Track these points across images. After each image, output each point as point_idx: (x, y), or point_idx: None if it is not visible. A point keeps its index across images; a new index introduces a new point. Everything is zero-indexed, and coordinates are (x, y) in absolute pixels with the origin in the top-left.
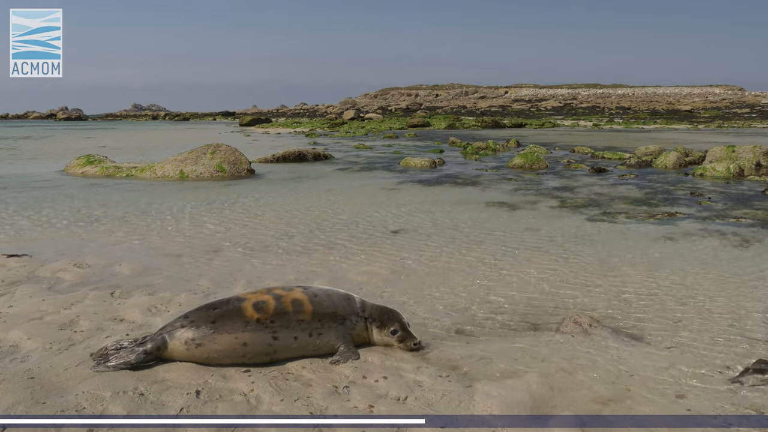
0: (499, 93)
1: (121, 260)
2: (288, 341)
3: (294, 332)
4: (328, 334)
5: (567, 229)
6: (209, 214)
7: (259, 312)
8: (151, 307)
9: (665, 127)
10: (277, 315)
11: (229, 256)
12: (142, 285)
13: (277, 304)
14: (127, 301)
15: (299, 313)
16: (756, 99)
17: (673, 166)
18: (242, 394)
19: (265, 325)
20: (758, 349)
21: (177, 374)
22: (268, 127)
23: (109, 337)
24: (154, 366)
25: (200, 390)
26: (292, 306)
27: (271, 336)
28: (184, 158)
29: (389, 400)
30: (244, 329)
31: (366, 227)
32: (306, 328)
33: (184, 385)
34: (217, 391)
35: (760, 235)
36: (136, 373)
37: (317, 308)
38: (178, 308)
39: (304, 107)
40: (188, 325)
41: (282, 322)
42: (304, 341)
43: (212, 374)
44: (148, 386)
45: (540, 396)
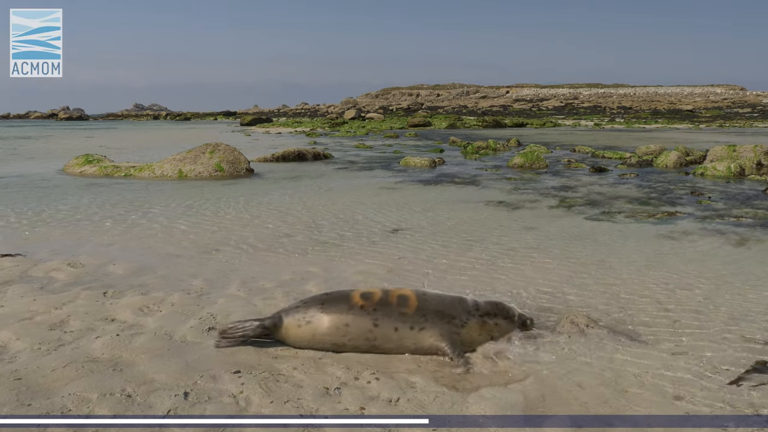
0: (501, 93)
1: (115, 260)
2: (388, 330)
3: (395, 323)
4: (431, 329)
5: (566, 229)
6: (206, 213)
7: (364, 300)
8: (143, 307)
9: (666, 126)
10: (380, 305)
11: (225, 256)
12: (135, 285)
13: (383, 295)
14: (119, 301)
15: (403, 306)
16: (757, 98)
17: (674, 166)
18: (231, 396)
19: (368, 311)
20: (757, 350)
21: (166, 375)
22: (268, 127)
23: (99, 338)
24: (144, 369)
25: (189, 391)
26: (397, 299)
27: (372, 322)
28: (183, 157)
29: (381, 402)
30: (347, 312)
31: (364, 226)
32: (407, 321)
33: (172, 386)
34: (206, 392)
35: (760, 234)
36: (123, 375)
37: (422, 304)
38: (170, 308)
39: (305, 107)
40: (302, 306)
41: (384, 312)
42: (404, 333)
43: (201, 375)
44: (135, 387)
45: (535, 397)
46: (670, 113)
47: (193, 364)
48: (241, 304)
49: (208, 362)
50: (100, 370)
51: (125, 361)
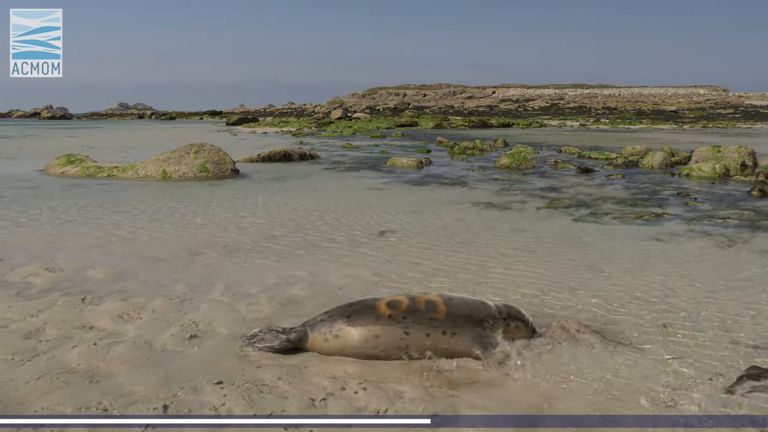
0: (487, 93)
1: (95, 264)
2: (420, 337)
3: (426, 329)
4: (463, 335)
5: (554, 231)
6: (190, 215)
7: (392, 309)
8: (122, 313)
9: (651, 127)
10: (409, 312)
11: (209, 259)
12: (115, 290)
13: (411, 302)
14: (98, 308)
15: (432, 312)
16: (740, 99)
17: (660, 166)
18: (213, 408)
19: (397, 320)
20: (748, 354)
21: (145, 387)
22: (254, 127)
23: (75, 347)
24: (122, 381)
25: (168, 404)
26: (425, 305)
27: (402, 331)
28: (167, 158)
29: (368, 414)
30: (376, 323)
31: (351, 228)
32: (439, 326)
33: (151, 399)
34: (186, 404)
35: (746, 236)
36: (100, 387)
37: (451, 309)
38: (151, 315)
39: (292, 106)
40: (327, 319)
41: (414, 319)
42: (437, 338)
43: (182, 387)
44: (112, 400)
45: (526, 406)
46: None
47: (173, 374)
48: (225, 310)
49: (189, 372)
50: (75, 382)
51: (102, 372)
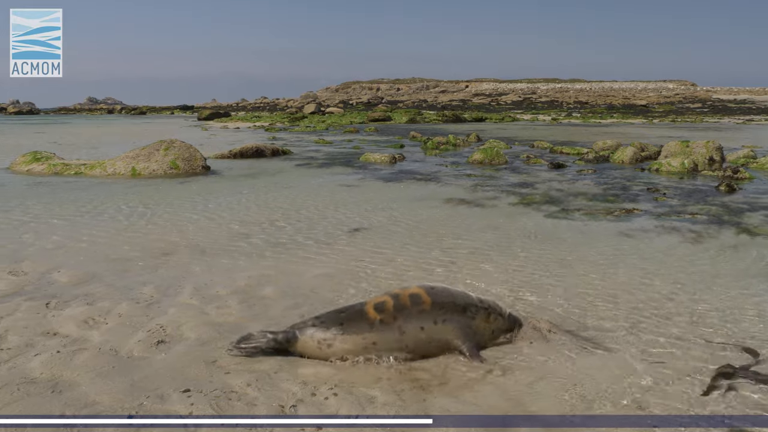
0: (460, 87)
1: (61, 266)
2: (415, 332)
3: (419, 323)
4: (451, 321)
5: (527, 227)
6: (160, 214)
7: (380, 312)
8: (88, 319)
9: (621, 121)
10: (397, 311)
11: (178, 260)
12: (80, 294)
13: (395, 301)
14: (62, 313)
15: (419, 304)
16: (707, 94)
17: (630, 161)
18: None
19: (388, 323)
20: (719, 354)
21: (109, 397)
22: (227, 122)
23: (38, 355)
24: (86, 390)
25: (133, 414)
26: (410, 299)
27: (398, 332)
28: (137, 155)
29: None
30: (370, 330)
31: (324, 226)
32: (428, 317)
33: (116, 409)
34: (152, 414)
35: (714, 232)
36: (63, 397)
37: (435, 298)
38: (117, 320)
39: (265, 101)
40: (319, 325)
41: (404, 316)
42: (430, 329)
43: (148, 396)
44: (75, 411)
45: (498, 410)
46: (624, 108)
47: (139, 383)
48: (194, 314)
49: (156, 380)
50: (37, 393)
51: (66, 381)
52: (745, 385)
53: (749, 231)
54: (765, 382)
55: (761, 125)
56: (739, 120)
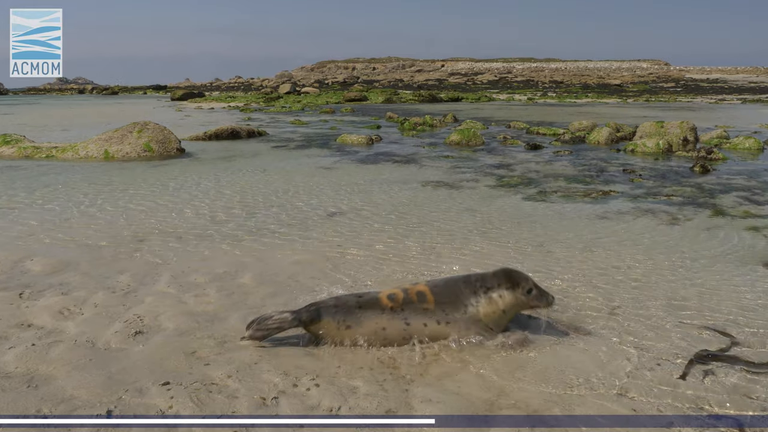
0: (436, 66)
1: (33, 255)
2: (419, 327)
3: (422, 319)
4: (455, 323)
5: (504, 210)
6: (134, 199)
7: (392, 301)
8: (63, 309)
9: (596, 101)
10: (405, 303)
11: (154, 246)
12: (55, 284)
13: (405, 294)
14: (37, 303)
15: (423, 302)
16: (680, 73)
17: (606, 142)
18: (159, 411)
19: (397, 312)
20: (695, 337)
21: (87, 391)
22: (201, 102)
23: (12, 348)
24: (62, 384)
25: (112, 409)
26: (417, 296)
27: (404, 322)
28: (109, 137)
29: (321, 412)
30: (381, 315)
31: (301, 210)
32: (432, 316)
33: (94, 404)
34: (131, 408)
35: (690, 213)
36: (39, 392)
37: (438, 297)
38: (93, 310)
39: (239, 81)
40: (342, 307)
41: (410, 310)
42: (434, 328)
43: (127, 389)
44: (52, 407)
45: (480, 398)
46: (599, 87)
47: (117, 375)
48: (171, 303)
49: (135, 372)
50: (12, 388)
51: (42, 375)
52: (722, 369)
53: (723, 213)
54: (741, 365)
55: (733, 105)
56: (712, 99)
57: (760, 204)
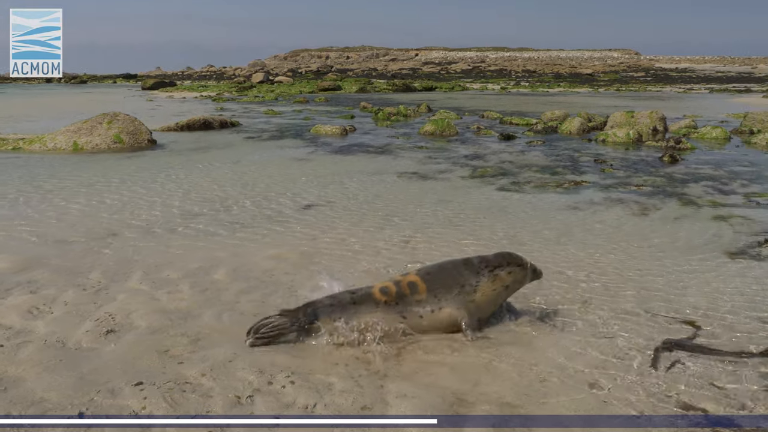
0: (410, 55)
1: (0, 251)
2: (415, 319)
3: (417, 311)
4: (448, 305)
5: (477, 201)
6: (104, 191)
7: (385, 295)
8: (32, 308)
9: (568, 90)
10: (398, 297)
11: (126, 241)
12: (23, 281)
13: (397, 288)
14: (4, 302)
15: (415, 293)
16: (650, 63)
17: (578, 132)
18: (132, 413)
19: (392, 306)
20: (664, 327)
21: (58, 393)
22: (172, 91)
23: None
24: (32, 386)
25: (84, 411)
26: (409, 288)
27: (400, 315)
28: (78, 128)
29: (297, 409)
30: (376, 310)
31: (275, 203)
32: (426, 305)
33: (65, 406)
34: (103, 410)
35: (659, 203)
36: (8, 395)
37: (430, 285)
38: (63, 309)
39: (212, 69)
40: (337, 305)
41: (405, 303)
42: (428, 318)
43: (98, 390)
44: (22, 410)
45: (455, 392)
46: (571, 77)
47: (89, 376)
48: (144, 300)
49: (107, 373)
50: None
51: (11, 376)
52: (688, 358)
53: (692, 202)
54: (706, 354)
55: (701, 94)
56: (681, 89)
57: (726, 194)
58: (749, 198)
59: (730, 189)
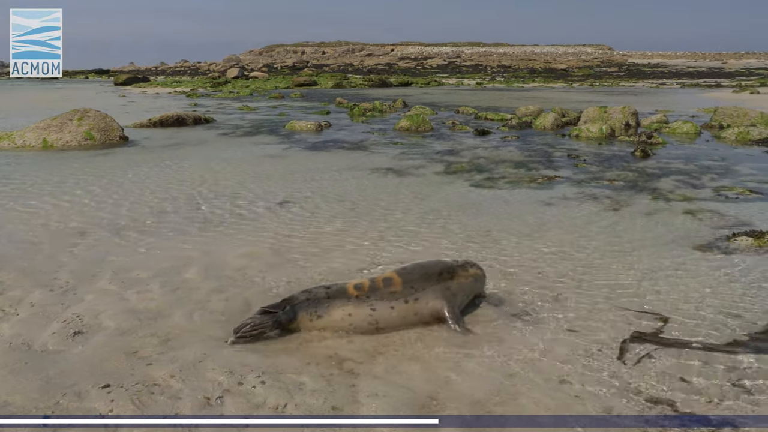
0: (386, 51)
1: None
2: (385, 311)
3: (389, 303)
4: (425, 295)
5: (452, 197)
6: (74, 189)
7: (358, 290)
8: None
9: (543, 85)
10: (371, 291)
11: (95, 240)
12: None
13: (371, 283)
14: None
15: (390, 286)
16: (623, 58)
17: (552, 127)
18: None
19: (363, 300)
20: (633, 320)
21: (23, 396)
22: (145, 87)
23: None
24: None
25: (49, 414)
26: (383, 282)
27: (369, 308)
28: (48, 125)
29: (267, 410)
30: (347, 303)
31: (249, 200)
32: (399, 297)
33: (29, 410)
34: (69, 413)
35: (630, 198)
36: None
37: (406, 277)
38: (29, 310)
39: (186, 65)
40: (312, 299)
41: (376, 296)
42: (401, 309)
43: (65, 393)
44: None
45: (427, 391)
46: (546, 72)
47: (55, 379)
48: (113, 301)
49: (73, 375)
50: None
51: None
52: (656, 351)
53: (662, 197)
54: (674, 347)
55: (673, 89)
56: (653, 84)
57: (696, 187)
58: (718, 192)
59: (700, 183)
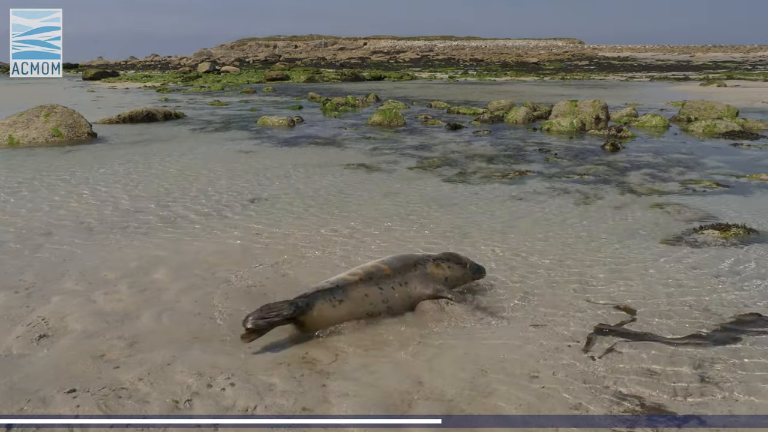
0: (359, 45)
1: None
2: (389, 290)
3: (390, 284)
4: (412, 282)
5: (424, 193)
6: (40, 188)
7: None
8: None
9: (515, 79)
10: (368, 274)
11: (61, 241)
12: None
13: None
14: None
15: (382, 270)
16: (594, 52)
17: (523, 121)
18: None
19: (366, 281)
20: (601, 314)
21: None
22: (115, 82)
23: None
24: None
25: (12, 423)
26: (374, 269)
27: (378, 288)
28: (14, 122)
29: (236, 412)
30: (359, 285)
31: (220, 198)
32: (394, 280)
33: None
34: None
35: (601, 192)
36: None
37: (391, 266)
38: None
39: (156, 59)
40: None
41: (377, 278)
42: (400, 290)
43: (29, 399)
44: None
45: (397, 390)
46: (518, 66)
47: (19, 384)
48: (80, 302)
49: (38, 380)
50: None
51: None
52: (623, 345)
53: (631, 190)
54: (640, 339)
55: (642, 82)
56: (623, 77)
57: (664, 181)
58: (686, 185)
59: (668, 176)
